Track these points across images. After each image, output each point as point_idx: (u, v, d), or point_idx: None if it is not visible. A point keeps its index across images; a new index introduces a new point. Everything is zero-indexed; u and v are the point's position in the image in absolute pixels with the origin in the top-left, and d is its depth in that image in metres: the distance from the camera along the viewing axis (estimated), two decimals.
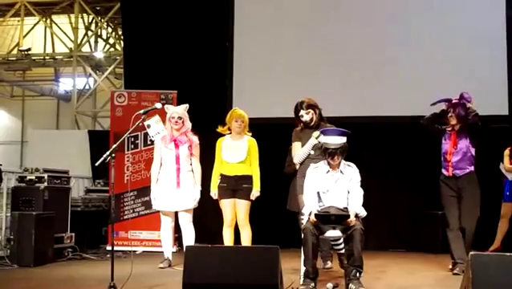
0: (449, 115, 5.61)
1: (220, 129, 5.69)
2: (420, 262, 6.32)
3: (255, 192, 5.58)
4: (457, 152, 5.60)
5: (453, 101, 5.61)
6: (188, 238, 5.86)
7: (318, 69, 8.03)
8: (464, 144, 5.62)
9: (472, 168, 5.62)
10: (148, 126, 5.96)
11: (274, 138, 6.68)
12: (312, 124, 5.05)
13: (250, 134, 5.72)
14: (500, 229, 7.00)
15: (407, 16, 7.97)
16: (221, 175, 5.63)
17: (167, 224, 6.02)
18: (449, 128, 5.68)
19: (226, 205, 5.59)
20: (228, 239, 5.62)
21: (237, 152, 5.59)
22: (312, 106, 5.07)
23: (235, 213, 5.58)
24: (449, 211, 5.63)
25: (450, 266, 5.58)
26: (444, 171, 5.67)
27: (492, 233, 7.02)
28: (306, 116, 5.04)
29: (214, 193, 5.64)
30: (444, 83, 7.45)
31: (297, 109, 5.11)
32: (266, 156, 6.01)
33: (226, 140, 5.67)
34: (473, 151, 5.63)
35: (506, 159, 6.99)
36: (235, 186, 5.56)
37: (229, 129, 5.67)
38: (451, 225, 5.59)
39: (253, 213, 5.68)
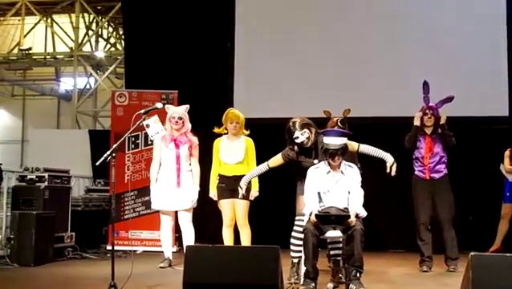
0: (428, 116, 5.85)
1: (216, 130, 5.69)
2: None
3: (254, 192, 5.57)
4: (434, 156, 5.84)
5: (430, 104, 5.87)
6: (188, 237, 5.86)
7: (318, 70, 8.04)
8: (439, 148, 5.85)
9: (446, 170, 5.87)
10: (147, 126, 5.95)
11: (275, 138, 6.66)
12: (309, 144, 4.73)
13: (247, 133, 5.71)
14: (500, 230, 7.01)
15: (407, 17, 7.98)
16: (220, 175, 5.63)
17: (166, 224, 6.02)
18: (422, 133, 5.89)
19: (225, 205, 5.59)
20: (228, 239, 5.62)
21: (235, 153, 5.59)
22: (307, 124, 4.70)
23: (234, 213, 5.59)
24: (422, 208, 5.82)
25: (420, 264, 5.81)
26: (420, 174, 5.89)
27: (492, 234, 7.02)
28: (302, 136, 4.66)
29: (214, 194, 5.65)
30: (445, 84, 7.45)
31: (290, 131, 4.69)
32: (267, 156, 6.00)
33: (223, 141, 5.68)
34: (446, 154, 5.89)
35: (507, 160, 7.00)
36: (234, 186, 5.48)
37: (225, 129, 5.67)
38: (422, 220, 5.80)
39: (252, 213, 5.68)
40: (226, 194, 5.57)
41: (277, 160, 4.88)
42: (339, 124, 5.76)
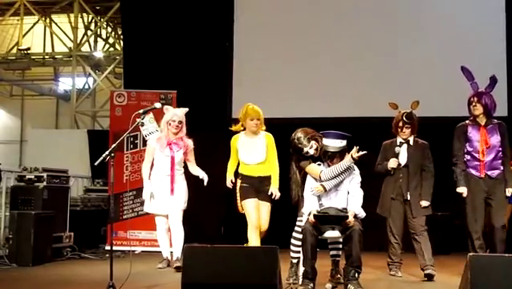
0: (473, 105, 5.21)
1: (234, 128, 5.41)
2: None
3: (275, 190, 5.27)
4: (490, 151, 5.12)
5: (479, 90, 5.29)
6: (178, 237, 5.73)
7: (319, 70, 8.04)
8: (495, 140, 5.16)
9: (502, 167, 5.17)
10: (142, 124, 5.90)
11: (275, 139, 6.68)
12: (319, 152, 4.66)
13: (265, 128, 5.42)
14: None
15: (407, 18, 7.99)
16: (243, 175, 5.34)
17: (162, 225, 5.97)
18: (473, 122, 5.22)
19: (251, 204, 5.27)
20: (255, 241, 5.22)
21: (256, 153, 5.31)
22: (312, 136, 4.64)
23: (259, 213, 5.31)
24: (475, 216, 5.12)
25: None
26: (473, 171, 5.17)
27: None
28: (311, 149, 4.62)
29: (231, 179, 5.39)
30: (444, 84, 7.46)
31: (297, 148, 4.63)
32: None
33: (241, 139, 5.37)
34: (501, 148, 5.19)
35: None
36: (259, 187, 5.31)
37: (242, 126, 5.38)
38: (476, 234, 5.10)
39: None
40: (251, 194, 5.29)
41: (314, 167, 4.68)
42: (404, 118, 5.34)
